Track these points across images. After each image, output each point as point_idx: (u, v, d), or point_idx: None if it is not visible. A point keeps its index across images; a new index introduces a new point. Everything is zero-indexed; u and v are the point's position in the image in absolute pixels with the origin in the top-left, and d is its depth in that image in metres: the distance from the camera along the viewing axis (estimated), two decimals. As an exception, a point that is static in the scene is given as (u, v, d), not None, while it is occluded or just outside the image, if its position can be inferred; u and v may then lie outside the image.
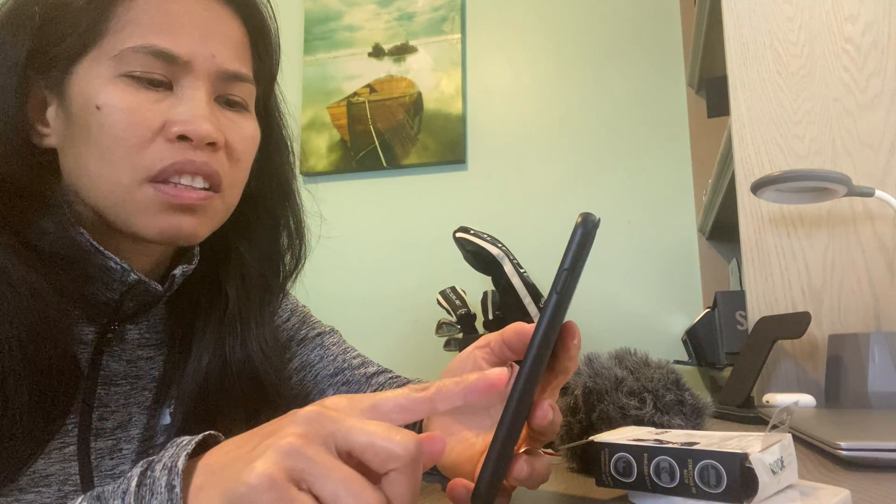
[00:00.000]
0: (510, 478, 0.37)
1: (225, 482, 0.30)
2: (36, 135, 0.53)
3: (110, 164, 0.50)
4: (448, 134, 2.10)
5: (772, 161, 1.12)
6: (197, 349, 0.59)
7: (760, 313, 1.07)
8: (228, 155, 0.54)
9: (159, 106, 0.50)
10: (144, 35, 0.50)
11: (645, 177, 1.95)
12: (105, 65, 0.50)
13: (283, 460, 0.28)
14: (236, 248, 0.62)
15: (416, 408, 0.33)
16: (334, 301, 2.05)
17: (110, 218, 0.52)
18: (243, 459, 0.30)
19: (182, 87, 0.51)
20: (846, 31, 1.12)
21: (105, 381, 0.56)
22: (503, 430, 0.36)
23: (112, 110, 0.49)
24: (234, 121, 0.55)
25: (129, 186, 0.50)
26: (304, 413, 0.31)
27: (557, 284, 0.36)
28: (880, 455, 0.49)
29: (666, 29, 2.01)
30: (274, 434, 0.30)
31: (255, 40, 0.58)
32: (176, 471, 0.31)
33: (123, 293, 0.54)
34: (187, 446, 0.33)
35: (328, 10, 2.29)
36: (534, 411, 0.38)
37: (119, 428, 0.56)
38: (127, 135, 0.49)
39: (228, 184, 0.55)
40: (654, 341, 1.84)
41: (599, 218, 0.36)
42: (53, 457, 0.51)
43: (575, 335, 0.40)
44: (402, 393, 0.33)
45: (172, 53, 0.50)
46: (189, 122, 0.50)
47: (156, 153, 0.50)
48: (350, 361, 0.73)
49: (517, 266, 1.51)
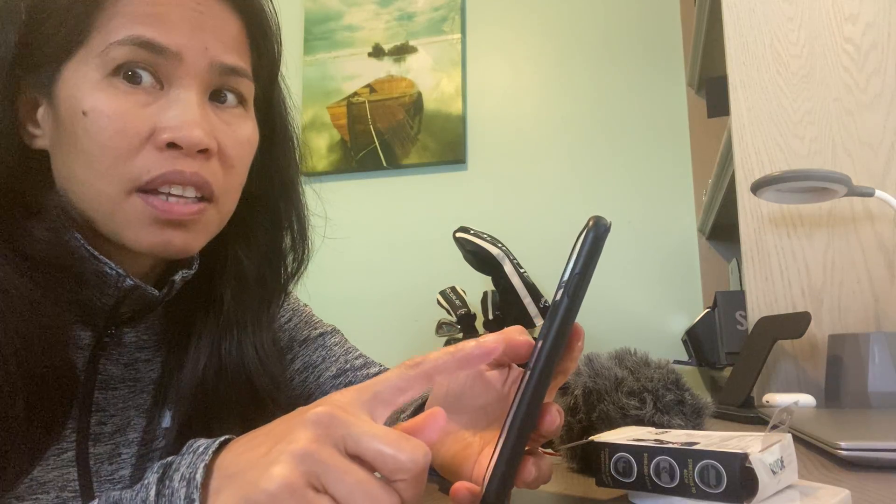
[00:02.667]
0: (518, 481, 0.37)
1: (243, 488, 0.30)
2: (27, 135, 0.51)
3: (97, 172, 0.47)
4: (448, 134, 2.10)
5: (772, 161, 1.12)
6: (194, 352, 0.58)
7: (760, 313, 1.07)
8: (222, 161, 0.51)
9: (148, 110, 0.48)
10: (130, 26, 0.47)
11: (645, 177, 1.95)
12: (92, 65, 0.47)
13: (300, 465, 0.29)
14: (233, 251, 0.60)
15: (413, 385, 0.34)
16: (334, 301, 2.05)
17: (99, 227, 0.50)
18: (259, 465, 0.30)
19: (172, 87, 0.49)
20: (846, 31, 1.12)
21: (103, 386, 0.55)
22: (513, 435, 0.35)
23: (98, 116, 0.47)
24: (229, 122, 0.52)
25: (116, 197, 0.48)
26: (314, 415, 0.31)
27: (569, 288, 0.35)
28: (880, 455, 0.49)
29: (666, 29, 2.01)
30: (285, 438, 0.30)
31: (254, 35, 0.55)
32: (195, 484, 0.31)
33: (119, 298, 0.52)
34: (204, 455, 0.33)
35: (328, 10, 2.29)
36: (543, 416, 0.38)
37: (118, 432, 0.56)
38: (114, 143, 0.47)
39: (223, 191, 0.52)
40: (654, 341, 1.85)
41: (611, 222, 0.35)
42: (51, 463, 0.50)
43: (580, 337, 0.39)
44: (397, 374, 0.34)
45: (161, 44, 0.47)
46: (179, 128, 0.47)
47: (143, 163, 0.47)
48: (353, 362, 0.72)
49: (517, 266, 1.51)
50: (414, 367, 0.34)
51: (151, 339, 0.59)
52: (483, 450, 0.42)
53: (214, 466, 0.32)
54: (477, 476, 0.41)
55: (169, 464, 0.34)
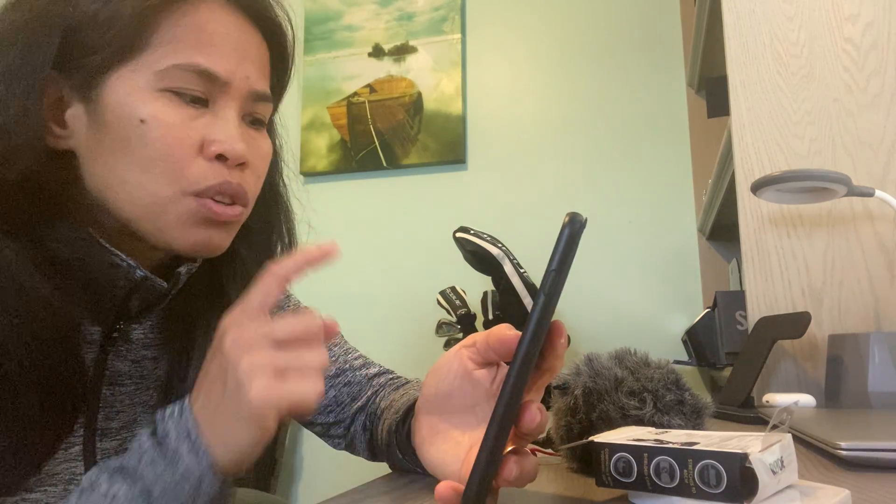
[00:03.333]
0: (500, 479, 0.38)
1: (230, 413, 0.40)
2: (51, 135, 0.52)
3: (153, 176, 0.50)
4: (448, 134, 2.10)
5: (772, 161, 1.12)
6: (199, 349, 0.59)
7: (760, 313, 1.07)
8: (252, 172, 0.56)
9: (197, 123, 0.52)
10: (189, 53, 0.51)
11: (645, 177, 1.95)
12: (146, 77, 0.50)
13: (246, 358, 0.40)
14: (236, 249, 0.62)
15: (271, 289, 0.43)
16: (334, 301, 2.06)
17: (141, 228, 0.52)
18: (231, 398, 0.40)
19: (217, 106, 0.53)
20: (846, 31, 1.12)
21: (110, 382, 0.56)
22: (492, 433, 0.36)
23: (158, 124, 0.50)
24: (255, 139, 0.57)
25: (171, 198, 0.51)
26: (222, 333, 0.42)
27: (545, 286, 0.36)
28: (880, 455, 0.49)
29: (666, 29, 2.01)
30: (226, 368, 0.40)
31: (275, 60, 0.60)
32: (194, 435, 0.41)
33: (129, 290, 0.54)
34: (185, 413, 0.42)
35: (328, 10, 2.29)
36: (522, 414, 0.38)
37: (124, 428, 0.57)
38: (173, 150, 0.50)
39: (251, 198, 0.57)
40: (654, 341, 1.85)
41: (586, 218, 0.36)
42: (59, 457, 0.52)
43: (562, 334, 0.40)
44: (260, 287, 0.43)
45: (214, 73, 0.52)
46: (226, 142, 0.52)
47: (200, 171, 0.51)
48: (352, 363, 0.73)
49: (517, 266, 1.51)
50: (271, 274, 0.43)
51: (157, 337, 0.61)
52: (471, 448, 0.43)
53: (196, 420, 0.41)
54: (464, 475, 0.41)
55: (154, 433, 0.42)
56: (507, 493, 0.46)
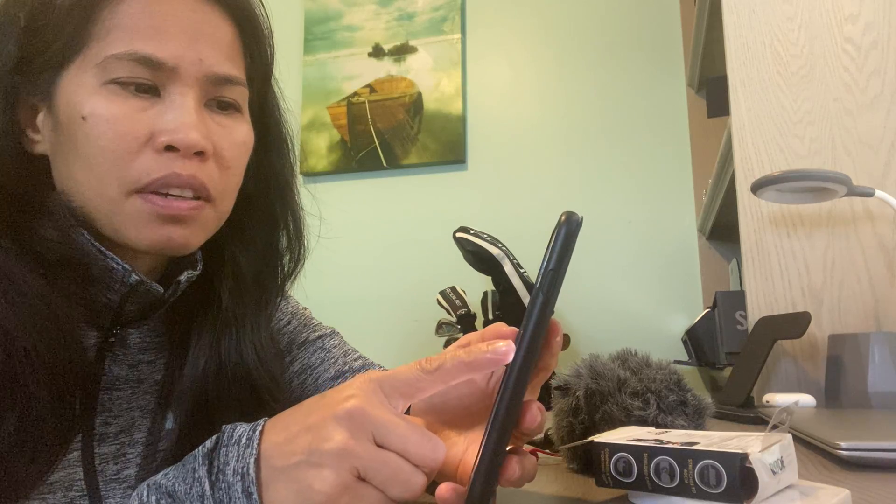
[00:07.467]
0: (502, 479, 0.37)
1: (299, 488, 0.35)
2: (28, 141, 0.52)
3: (97, 175, 0.49)
4: (448, 134, 2.10)
5: (772, 161, 1.12)
6: (194, 352, 0.59)
7: (760, 313, 1.07)
8: (218, 162, 0.53)
9: (146, 115, 0.49)
10: (129, 41, 0.48)
11: (645, 177, 1.95)
12: (90, 73, 0.49)
13: (344, 463, 0.34)
14: (230, 251, 0.61)
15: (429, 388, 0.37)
16: (334, 301, 2.05)
17: (101, 227, 0.51)
18: (306, 464, 0.35)
19: (169, 94, 0.50)
20: (846, 31, 1.12)
21: (108, 386, 0.55)
22: (494, 434, 0.36)
23: (98, 121, 0.48)
24: (224, 126, 0.54)
25: (116, 198, 0.49)
26: (345, 412, 0.35)
27: (543, 285, 0.36)
28: (880, 455, 0.49)
29: (666, 29, 2.01)
30: (321, 434, 0.35)
31: (247, 40, 0.56)
32: (250, 478, 0.35)
33: (125, 295, 0.53)
34: (250, 448, 0.36)
35: (328, 10, 2.29)
36: (523, 414, 0.38)
37: (122, 432, 0.56)
38: (114, 146, 0.48)
39: (220, 192, 0.53)
40: (654, 341, 1.84)
41: (582, 216, 0.36)
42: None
43: (557, 332, 0.40)
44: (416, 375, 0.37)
45: (157, 59, 0.49)
46: (176, 130, 0.49)
47: (143, 166, 0.49)
48: (351, 364, 0.72)
49: (517, 266, 1.51)
50: (432, 371, 0.37)
51: (154, 341, 0.60)
52: (468, 449, 0.42)
53: (260, 457, 0.36)
54: (462, 475, 0.41)
55: (213, 456, 0.37)
56: (507, 493, 0.46)
